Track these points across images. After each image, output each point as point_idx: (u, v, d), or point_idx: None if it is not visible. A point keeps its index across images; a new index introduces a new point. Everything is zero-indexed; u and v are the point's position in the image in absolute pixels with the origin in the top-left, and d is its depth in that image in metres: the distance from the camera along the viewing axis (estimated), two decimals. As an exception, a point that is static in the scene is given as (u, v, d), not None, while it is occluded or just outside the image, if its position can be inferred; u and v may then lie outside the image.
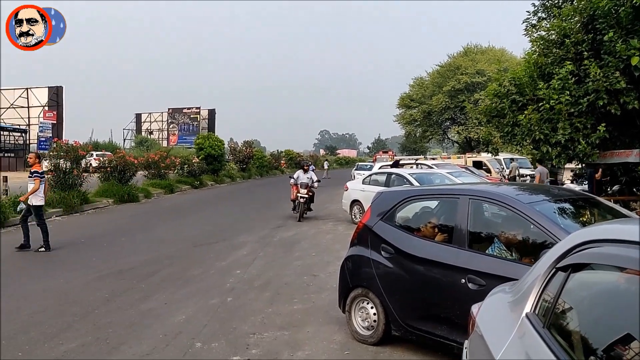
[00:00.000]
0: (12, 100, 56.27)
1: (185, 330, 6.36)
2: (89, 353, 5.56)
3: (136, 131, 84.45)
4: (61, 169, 18.57)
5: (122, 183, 22.72)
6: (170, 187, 28.13)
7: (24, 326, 6.40)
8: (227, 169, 42.11)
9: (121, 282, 8.74)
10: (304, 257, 11.20)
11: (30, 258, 10.76)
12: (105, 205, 20.49)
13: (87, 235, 13.80)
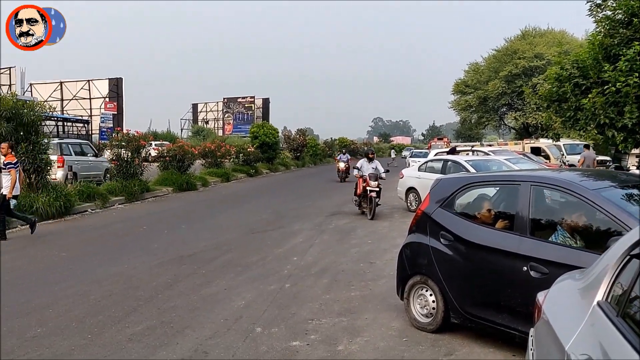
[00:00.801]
0: (75, 92, 58.24)
1: (246, 315, 6.48)
2: (154, 336, 5.74)
3: (193, 121, 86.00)
4: (123, 159, 19.11)
5: (180, 172, 23.23)
6: (227, 176, 28.59)
7: (92, 309, 6.66)
8: (281, 157, 42.47)
9: (182, 267, 8.97)
10: (360, 244, 11.21)
11: (98, 244, 11.15)
12: (165, 193, 21.02)
13: (148, 222, 14.21)
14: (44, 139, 13.96)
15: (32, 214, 13.19)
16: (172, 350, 5.34)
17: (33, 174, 13.79)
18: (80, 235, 12.09)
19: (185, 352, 5.30)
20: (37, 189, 13.82)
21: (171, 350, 5.36)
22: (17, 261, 9.38)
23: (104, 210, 16.28)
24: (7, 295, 7.25)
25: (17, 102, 13.17)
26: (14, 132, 13.07)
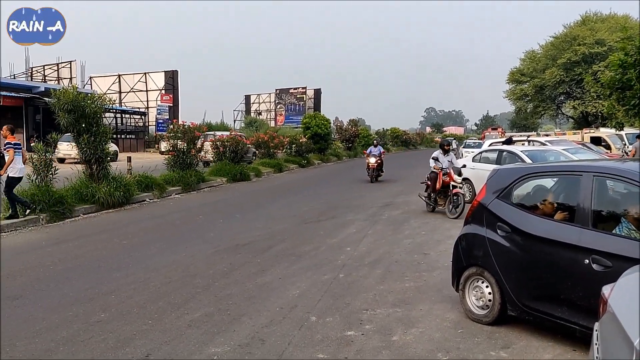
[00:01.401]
0: (132, 84, 59.75)
1: (300, 304, 6.55)
2: (212, 323, 5.87)
3: (245, 112, 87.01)
4: (179, 150, 19.52)
5: (234, 162, 23.57)
6: (279, 166, 28.84)
7: (153, 296, 6.86)
8: (333, 148, 42.53)
9: (238, 256, 9.12)
10: (414, 235, 11.14)
11: (156, 233, 11.45)
12: (219, 183, 21.37)
13: (204, 212, 14.50)
14: (104, 131, 14.39)
15: (93, 203, 13.67)
16: (230, 337, 5.46)
17: (94, 164, 14.25)
18: (139, 224, 12.44)
19: (242, 339, 5.41)
20: (99, 179, 14.27)
21: (228, 336, 5.48)
22: (81, 249, 9.74)
23: (162, 200, 16.69)
24: (73, 282, 7.55)
25: (78, 95, 13.60)
26: (76, 124, 13.53)
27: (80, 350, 5.13)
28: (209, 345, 5.26)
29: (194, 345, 5.26)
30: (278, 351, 5.13)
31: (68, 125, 13.44)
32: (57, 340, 5.36)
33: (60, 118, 13.43)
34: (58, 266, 8.43)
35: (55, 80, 52.46)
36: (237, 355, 5.05)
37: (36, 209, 12.07)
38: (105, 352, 5.08)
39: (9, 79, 46.49)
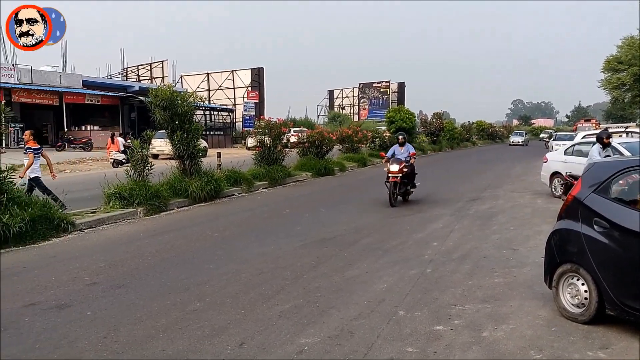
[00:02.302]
0: (220, 82, 61.59)
1: (388, 298, 6.58)
2: (301, 314, 6.01)
3: (329, 107, 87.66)
4: (266, 145, 19.97)
5: (319, 157, 23.82)
6: (363, 161, 28.88)
7: (244, 287, 7.10)
8: (417, 142, 42.09)
9: (324, 250, 9.26)
10: (502, 230, 10.89)
11: (246, 226, 11.81)
12: (304, 178, 21.68)
13: (290, 206, 14.77)
14: (196, 128, 14.96)
15: (186, 197, 14.24)
16: (319, 329, 5.57)
17: (187, 160, 14.83)
18: (229, 218, 12.85)
19: (332, 331, 5.51)
20: (191, 174, 14.84)
21: (318, 328, 5.60)
22: (176, 241, 10.19)
23: (250, 194, 17.13)
24: (169, 272, 7.93)
25: (172, 93, 14.21)
26: (170, 121, 14.14)
27: (179, 337, 5.40)
28: (299, 335, 5.40)
29: (285, 335, 5.42)
30: (367, 344, 5.19)
31: (163, 122, 14.07)
32: (157, 327, 5.66)
33: (156, 115, 14.08)
34: (155, 257, 8.87)
35: (148, 80, 54.89)
36: (326, 346, 5.15)
37: (134, 202, 12.71)
38: (202, 340, 5.32)
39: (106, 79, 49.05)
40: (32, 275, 7.77)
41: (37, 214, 9.93)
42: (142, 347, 5.17)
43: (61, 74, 40.77)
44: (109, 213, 12.15)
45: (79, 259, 8.76)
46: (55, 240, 10.10)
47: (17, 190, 10.15)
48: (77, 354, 5.01)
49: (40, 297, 6.68)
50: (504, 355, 4.94)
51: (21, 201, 9.94)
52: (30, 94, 35.90)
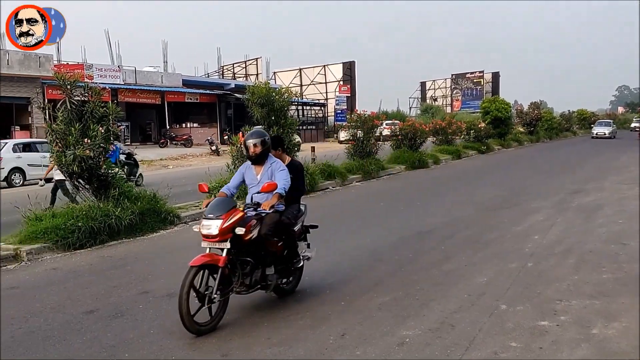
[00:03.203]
0: (312, 77, 62.32)
1: (488, 292, 6.47)
2: (401, 306, 6.04)
3: (421, 99, 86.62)
4: (359, 139, 20.04)
5: (412, 150, 23.63)
6: (457, 153, 28.35)
7: (344, 278, 7.22)
8: (514, 133, 40.82)
9: (422, 243, 9.22)
10: (609, 224, 10.38)
11: (341, 219, 11.94)
12: (398, 171, 21.57)
13: (384, 199, 14.78)
14: (291, 123, 15.26)
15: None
16: (420, 321, 5.58)
17: (283, 154, 15.14)
18: (324, 211, 13.01)
19: (432, 324, 5.50)
20: (286, 168, 15.14)
21: (419, 320, 5.60)
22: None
23: (343, 187, 17.28)
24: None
25: (269, 90, 14.58)
26: (267, 117, 14.51)
27: (283, 326, 5.58)
28: (400, 327, 5.43)
29: (386, 327, 5.46)
30: (468, 337, 5.14)
31: (260, 118, 14.47)
32: (260, 316, 5.87)
33: (254, 112, 14.50)
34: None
35: (243, 77, 56.44)
36: (427, 338, 5.15)
37: (234, 196, 13.15)
38: (305, 329, 5.47)
39: (204, 78, 50.89)
40: (143, 265, 8.27)
41: (146, 207, 10.51)
42: (248, 334, 5.38)
43: (163, 74, 42.70)
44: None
45: (185, 250, 9.16)
46: (162, 232, 10.66)
47: (128, 185, 10.76)
48: (189, 339, 5.29)
49: (152, 286, 7.09)
50: (617, 355, 4.74)
51: (131, 195, 10.55)
52: (135, 94, 37.88)
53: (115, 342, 5.27)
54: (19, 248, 8.75)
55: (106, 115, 10.15)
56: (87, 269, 8.10)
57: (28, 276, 7.83)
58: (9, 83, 30.82)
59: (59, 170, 12.96)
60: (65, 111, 9.81)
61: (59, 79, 10.03)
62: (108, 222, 9.58)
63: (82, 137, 9.61)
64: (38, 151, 21.86)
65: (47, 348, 5.18)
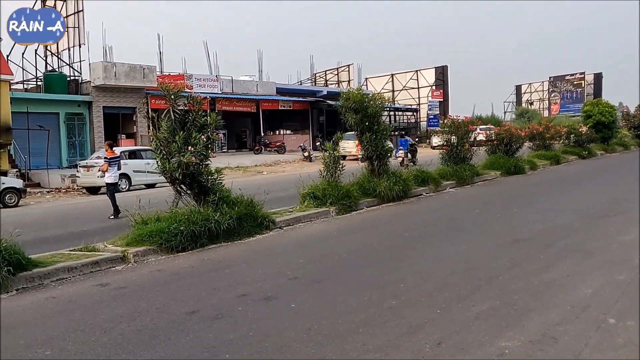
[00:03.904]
0: (404, 82, 61.96)
1: (594, 304, 6.17)
2: (499, 316, 5.88)
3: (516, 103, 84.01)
4: (452, 144, 19.73)
5: (508, 155, 22.97)
6: (556, 158, 27.28)
7: (438, 286, 7.11)
8: (618, 137, 38.73)
9: (519, 251, 8.93)
10: None
11: (435, 226, 11.80)
12: (493, 177, 21.03)
13: (479, 205, 14.46)
14: (384, 129, 15.28)
15: (375, 197, 14.56)
16: (519, 332, 5.40)
17: (375, 160, 15.19)
18: (418, 217, 12.95)
19: (533, 335, 5.31)
20: (379, 174, 15.17)
21: (518, 331, 5.43)
22: (368, 239, 10.54)
23: (437, 194, 17.04)
24: (364, 269, 8.20)
25: (363, 96, 14.70)
26: (360, 123, 14.62)
27: (378, 332, 5.57)
28: (498, 338, 5.29)
29: (483, 337, 5.33)
30: (574, 351, 4.92)
31: (354, 124, 14.60)
32: (356, 322, 5.89)
33: (347, 117, 14.65)
34: (350, 254, 9.22)
35: (335, 84, 56.95)
36: (528, 350, 4.98)
37: (327, 202, 13.30)
38: (400, 336, 5.44)
39: (297, 86, 51.83)
40: (241, 269, 8.53)
41: (243, 212, 10.84)
42: (344, 340, 5.42)
43: (257, 82, 43.89)
44: (304, 212, 12.86)
45: (281, 254, 9.42)
46: (258, 236, 10.94)
47: (226, 190, 11.13)
48: (285, 343, 5.40)
49: (249, 289, 7.30)
50: None
51: (229, 200, 10.91)
52: (232, 103, 39.19)
53: (217, 342, 5.46)
54: (127, 250, 9.26)
55: (206, 124, 10.58)
56: (189, 271, 8.46)
57: (135, 277, 8.28)
58: (116, 94, 32.81)
59: (111, 175, 14.63)
60: (169, 120, 10.31)
61: (163, 89, 10.56)
62: (208, 226, 9.96)
63: (185, 144, 10.06)
64: (142, 158, 23.07)
65: (154, 346, 5.44)
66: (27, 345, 5.56)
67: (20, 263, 7.81)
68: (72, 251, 9.34)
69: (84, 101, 32.05)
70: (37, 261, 8.31)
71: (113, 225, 11.64)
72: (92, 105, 32.07)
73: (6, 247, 7.64)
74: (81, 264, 8.53)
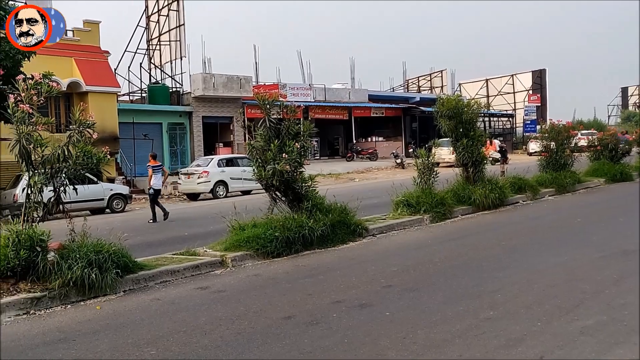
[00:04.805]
0: (499, 87, 60.26)
1: None
2: (606, 332, 5.56)
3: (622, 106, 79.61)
4: (551, 150, 18.97)
5: (613, 162, 21.79)
6: (670, 164, 25.51)
7: (538, 298, 6.84)
8: None
9: (628, 263, 8.40)
10: None
11: (533, 235, 11.38)
12: (596, 184, 20.03)
13: (581, 214, 13.81)
14: (479, 135, 14.96)
15: (470, 205, 14.24)
16: (629, 349, 5.09)
17: (471, 167, 14.88)
18: (515, 226, 12.53)
19: (645, 354, 5.01)
20: (474, 181, 14.84)
21: (628, 349, 5.12)
22: (463, 247, 10.31)
23: (535, 202, 16.42)
24: (459, 278, 8.03)
25: (458, 102, 14.49)
26: (455, 129, 14.40)
27: (474, 344, 5.44)
28: (606, 355, 5.01)
29: (589, 353, 5.07)
30: (690, 372, 4.60)
31: (448, 130, 14.42)
32: (452, 332, 5.78)
33: (442, 124, 14.49)
34: (444, 263, 9.07)
35: (428, 90, 56.33)
36: (639, 369, 4.70)
37: (420, 209, 13.15)
38: (498, 349, 5.28)
39: (389, 92, 51.71)
40: (335, 275, 8.59)
41: (336, 219, 10.92)
42: (439, 350, 5.33)
43: (350, 90, 44.19)
44: (397, 220, 12.78)
45: (374, 262, 9.41)
46: (351, 244, 10.98)
47: (320, 197, 11.25)
48: (380, 351, 5.39)
49: (343, 296, 7.34)
50: None
51: (323, 207, 11.02)
52: (324, 110, 39.69)
53: (312, 348, 5.53)
54: (225, 255, 9.59)
55: (300, 132, 10.78)
56: (284, 277, 8.63)
57: (233, 281, 8.55)
58: (214, 104, 34.11)
59: (156, 182, 16.26)
60: (265, 129, 10.59)
61: (259, 99, 10.87)
62: (302, 232, 10.13)
63: (279, 152, 10.28)
64: (239, 165, 23.82)
65: (252, 350, 5.59)
66: (134, 344, 5.87)
67: (127, 266, 8.28)
68: (175, 255, 9.79)
69: (184, 111, 33.57)
70: (142, 264, 8.78)
71: (212, 231, 12.05)
72: (192, 115, 33.51)
73: (115, 250, 8.10)
74: (183, 268, 8.92)
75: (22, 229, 7.71)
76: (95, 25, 28.63)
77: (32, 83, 7.89)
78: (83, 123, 8.17)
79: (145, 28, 36.53)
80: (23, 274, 7.55)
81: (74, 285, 7.55)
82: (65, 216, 8.48)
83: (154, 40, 36.16)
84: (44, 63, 19.69)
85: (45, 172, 8.00)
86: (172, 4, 34.44)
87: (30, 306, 7.29)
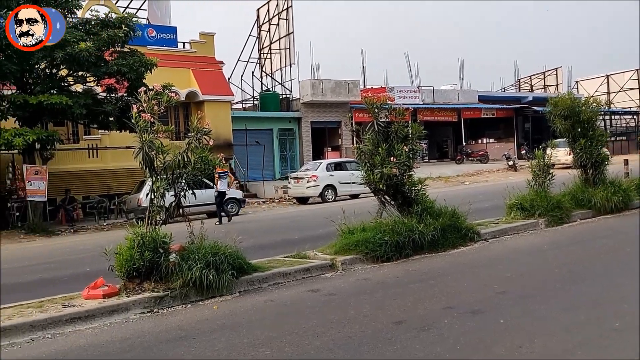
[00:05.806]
0: (622, 83, 56.57)
1: None
2: None
3: None
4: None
5: None
6: None
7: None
8: None
9: None
10: None
11: None
12: None
13: None
14: (600, 134, 14.14)
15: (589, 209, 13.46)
16: None
17: (590, 169, 14.08)
18: None
19: None
20: (594, 183, 14.03)
21: None
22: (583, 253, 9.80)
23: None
24: (578, 285, 7.63)
25: (574, 101, 13.77)
26: (571, 130, 13.69)
27: (599, 355, 5.15)
28: None
29: None
30: None
31: (564, 130, 13.74)
32: (572, 343, 5.49)
33: (556, 124, 13.83)
34: (562, 269, 8.63)
35: (541, 89, 53.97)
36: None
37: (535, 213, 12.61)
38: (625, 362, 4.97)
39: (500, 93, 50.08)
40: (446, 280, 8.44)
41: (447, 223, 10.70)
42: None
43: (459, 91, 43.27)
44: (510, 224, 12.34)
45: (486, 267, 9.14)
46: (462, 248, 10.73)
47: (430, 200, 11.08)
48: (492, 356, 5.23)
49: (455, 301, 7.19)
50: None
51: (433, 211, 10.85)
52: (433, 112, 39.15)
53: (424, 354, 5.45)
54: (335, 258, 9.68)
55: (409, 135, 10.69)
56: (394, 281, 8.58)
57: (343, 284, 8.62)
58: (323, 109, 34.64)
59: (222, 186, 18.13)
60: (373, 132, 10.60)
61: (367, 103, 10.89)
62: (412, 237, 10.02)
63: (388, 156, 10.25)
64: (347, 169, 24.02)
65: (362, 354, 5.60)
66: (249, 344, 6.07)
67: (242, 267, 8.58)
68: (286, 257, 10.02)
69: (294, 117, 34.37)
70: (256, 266, 9.06)
71: (322, 234, 12.21)
72: (301, 120, 34.24)
73: (231, 252, 8.43)
74: (294, 270, 9.11)
75: (146, 232, 8.18)
76: (210, 37, 30.10)
77: (153, 94, 8.36)
78: (201, 130, 8.57)
79: (256, 37, 37.83)
80: (147, 274, 8.02)
81: (193, 285, 7.93)
82: (185, 219, 8.92)
83: (265, 49, 37.31)
84: (164, 75, 21.05)
85: (167, 177, 8.45)
86: (282, 13, 35.39)
87: (154, 305, 7.74)
